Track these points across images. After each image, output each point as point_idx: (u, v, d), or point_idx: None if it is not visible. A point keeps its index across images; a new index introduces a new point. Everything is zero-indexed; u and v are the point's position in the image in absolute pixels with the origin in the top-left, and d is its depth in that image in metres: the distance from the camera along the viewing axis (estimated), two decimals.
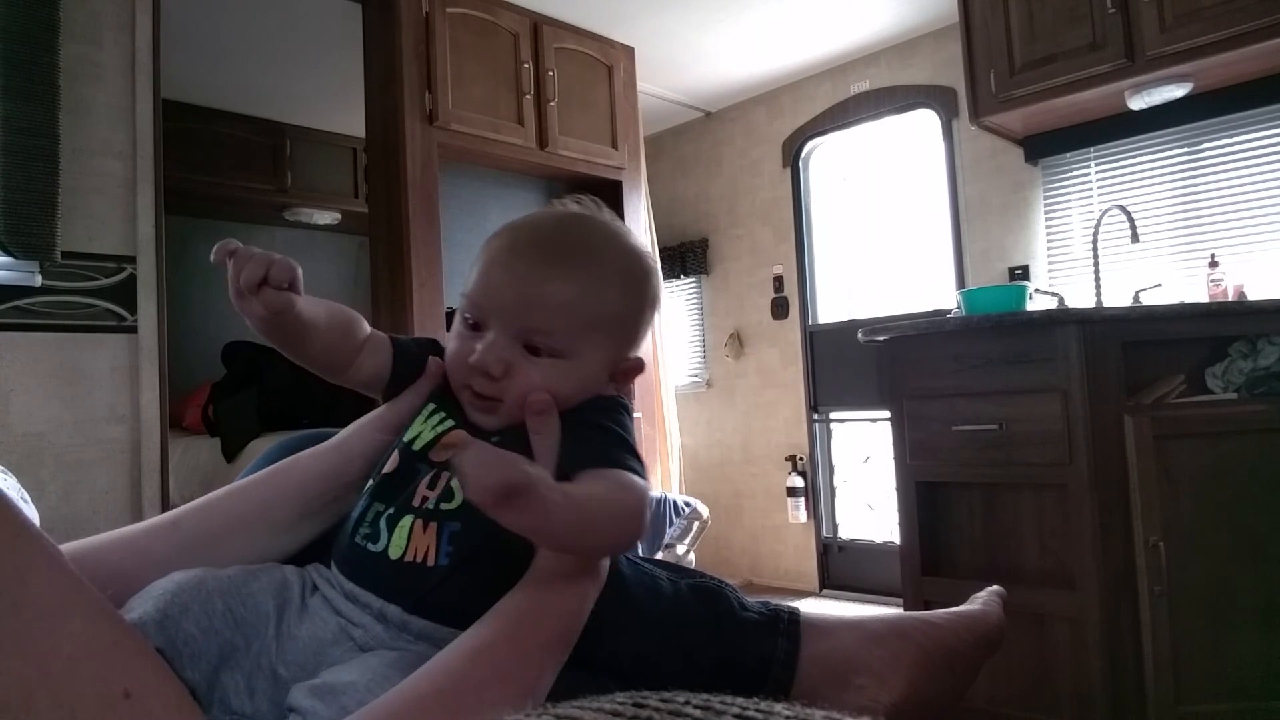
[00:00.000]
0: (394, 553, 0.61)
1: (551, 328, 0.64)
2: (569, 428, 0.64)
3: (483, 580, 0.60)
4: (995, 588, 0.88)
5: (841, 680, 0.73)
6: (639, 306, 0.70)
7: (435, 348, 0.72)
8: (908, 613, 0.82)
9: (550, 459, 0.62)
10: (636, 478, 0.61)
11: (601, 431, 0.64)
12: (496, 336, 0.65)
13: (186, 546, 0.62)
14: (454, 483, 0.63)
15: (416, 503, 0.63)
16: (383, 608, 0.60)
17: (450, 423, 0.67)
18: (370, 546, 0.62)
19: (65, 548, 0.59)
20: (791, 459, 3.95)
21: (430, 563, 0.61)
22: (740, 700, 0.27)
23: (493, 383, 0.64)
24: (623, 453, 0.63)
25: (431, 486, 0.63)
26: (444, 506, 0.62)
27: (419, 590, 0.60)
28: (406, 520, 0.62)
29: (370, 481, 0.66)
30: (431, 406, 0.69)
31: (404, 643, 0.60)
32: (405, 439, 0.67)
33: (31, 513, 1.51)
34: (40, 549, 0.43)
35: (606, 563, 0.65)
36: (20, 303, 1.98)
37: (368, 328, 0.71)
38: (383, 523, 0.63)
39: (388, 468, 0.66)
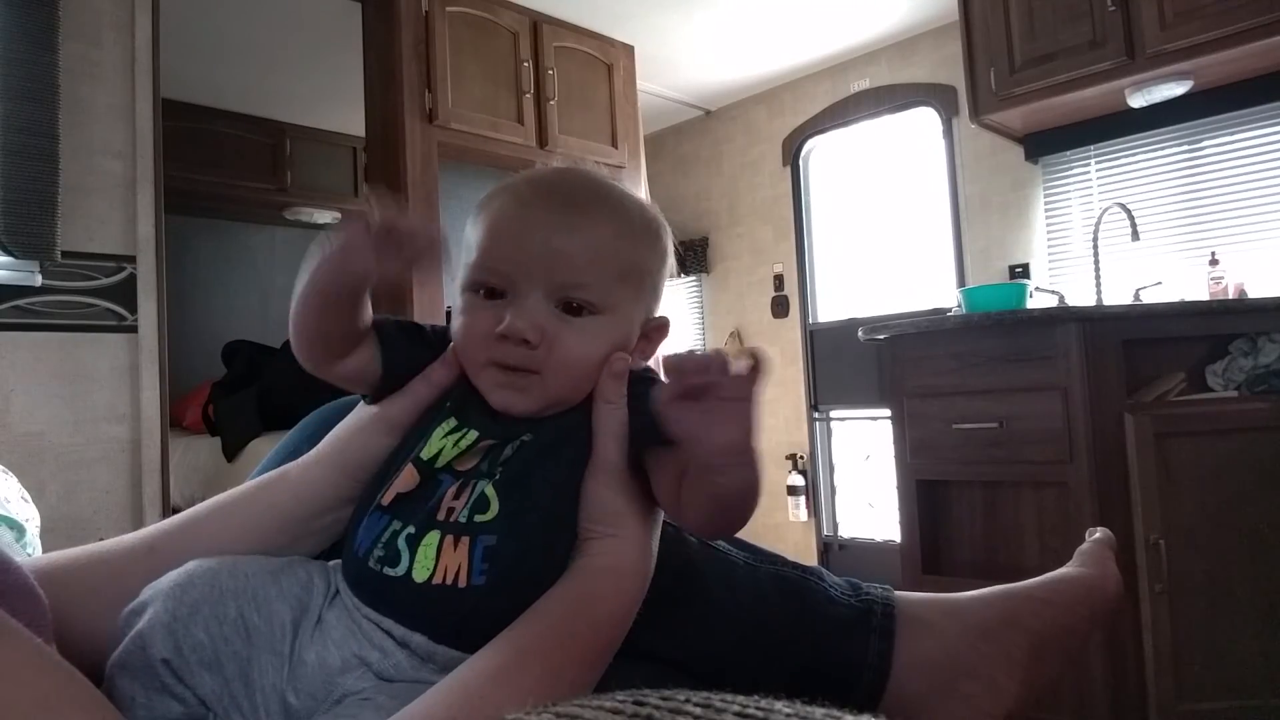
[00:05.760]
0: (419, 575, 0.53)
1: (588, 280, 0.56)
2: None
3: (524, 602, 0.52)
4: (1099, 534, 0.75)
5: (947, 688, 0.64)
6: (661, 258, 0.64)
7: (418, 331, 0.62)
8: (1014, 589, 0.68)
9: (621, 433, 0.56)
10: None
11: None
12: (529, 299, 0.56)
13: (161, 574, 0.55)
14: (488, 490, 0.55)
15: (442, 516, 0.54)
16: (406, 636, 0.53)
17: (474, 433, 0.57)
18: (389, 571, 0.54)
19: (39, 561, 0.57)
20: (792, 457, 3.95)
21: (462, 583, 0.53)
22: (740, 699, 0.27)
23: (530, 352, 0.55)
24: None
25: (458, 496, 0.55)
26: (478, 518, 0.54)
27: (450, 617, 0.53)
28: (432, 537, 0.54)
29: (376, 497, 0.57)
30: (451, 420, 0.58)
31: (427, 673, 0.52)
32: (423, 456, 0.57)
33: (31, 512, 1.51)
34: (17, 645, 0.39)
35: (654, 557, 0.57)
36: (20, 302, 1.98)
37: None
38: (402, 542, 0.54)
39: (402, 487, 0.56)
